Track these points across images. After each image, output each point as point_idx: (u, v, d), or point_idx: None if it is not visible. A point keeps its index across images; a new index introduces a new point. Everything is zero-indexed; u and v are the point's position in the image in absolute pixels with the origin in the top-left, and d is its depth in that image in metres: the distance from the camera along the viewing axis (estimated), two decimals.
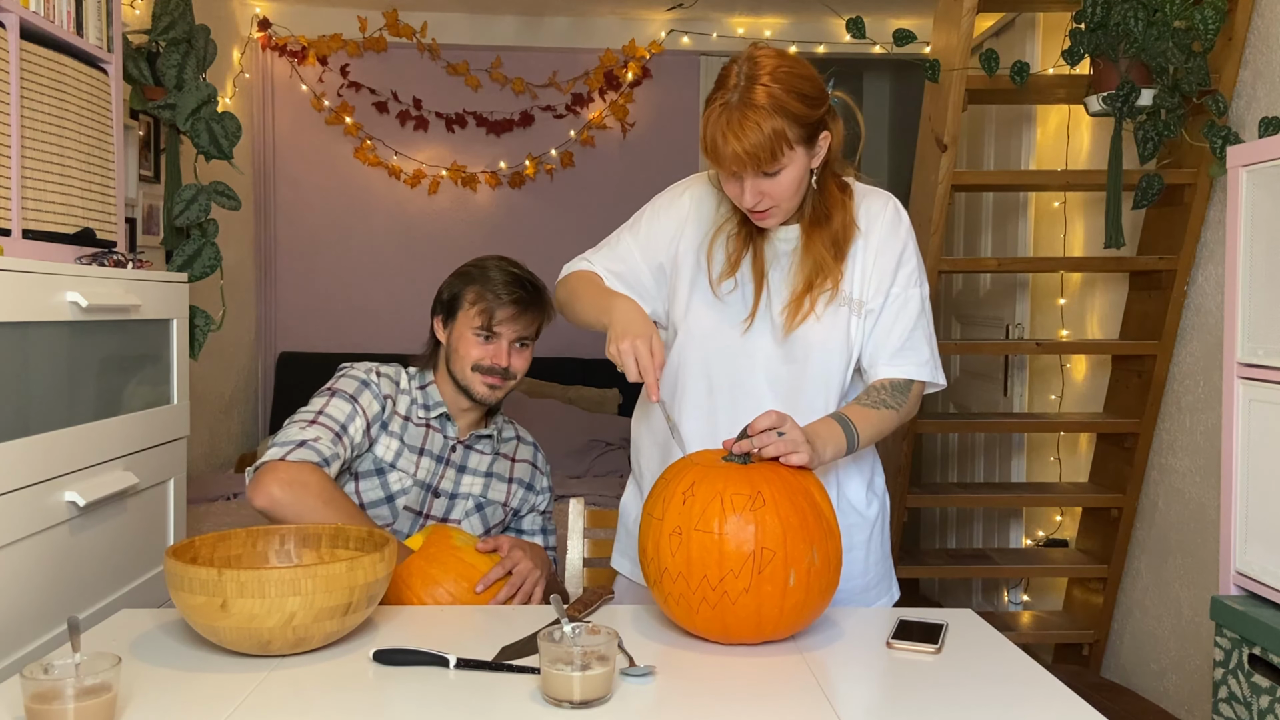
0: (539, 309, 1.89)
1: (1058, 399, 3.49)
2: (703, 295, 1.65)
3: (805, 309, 1.60)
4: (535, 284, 1.90)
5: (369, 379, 1.86)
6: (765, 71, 1.46)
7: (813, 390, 1.63)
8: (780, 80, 1.46)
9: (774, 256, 1.64)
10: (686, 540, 1.36)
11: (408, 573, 1.65)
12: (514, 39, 4.73)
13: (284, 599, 1.27)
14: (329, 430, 1.77)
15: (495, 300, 1.84)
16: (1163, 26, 2.43)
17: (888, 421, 1.59)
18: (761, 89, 1.45)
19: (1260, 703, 1.61)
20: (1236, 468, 1.78)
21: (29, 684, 1.08)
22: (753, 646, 1.40)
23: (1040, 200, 3.69)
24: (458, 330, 1.87)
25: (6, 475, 1.66)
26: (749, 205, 1.54)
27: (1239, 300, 1.78)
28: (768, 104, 1.45)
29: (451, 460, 1.90)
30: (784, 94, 1.46)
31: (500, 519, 1.96)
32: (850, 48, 4.63)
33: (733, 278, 1.63)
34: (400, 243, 4.83)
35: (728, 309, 1.64)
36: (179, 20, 2.85)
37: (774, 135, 1.45)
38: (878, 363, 1.63)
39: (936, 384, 1.67)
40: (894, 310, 1.63)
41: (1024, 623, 3.15)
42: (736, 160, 1.47)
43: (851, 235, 1.62)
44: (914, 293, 1.64)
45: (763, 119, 1.45)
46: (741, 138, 1.45)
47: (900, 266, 1.63)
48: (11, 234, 1.99)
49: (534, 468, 2.02)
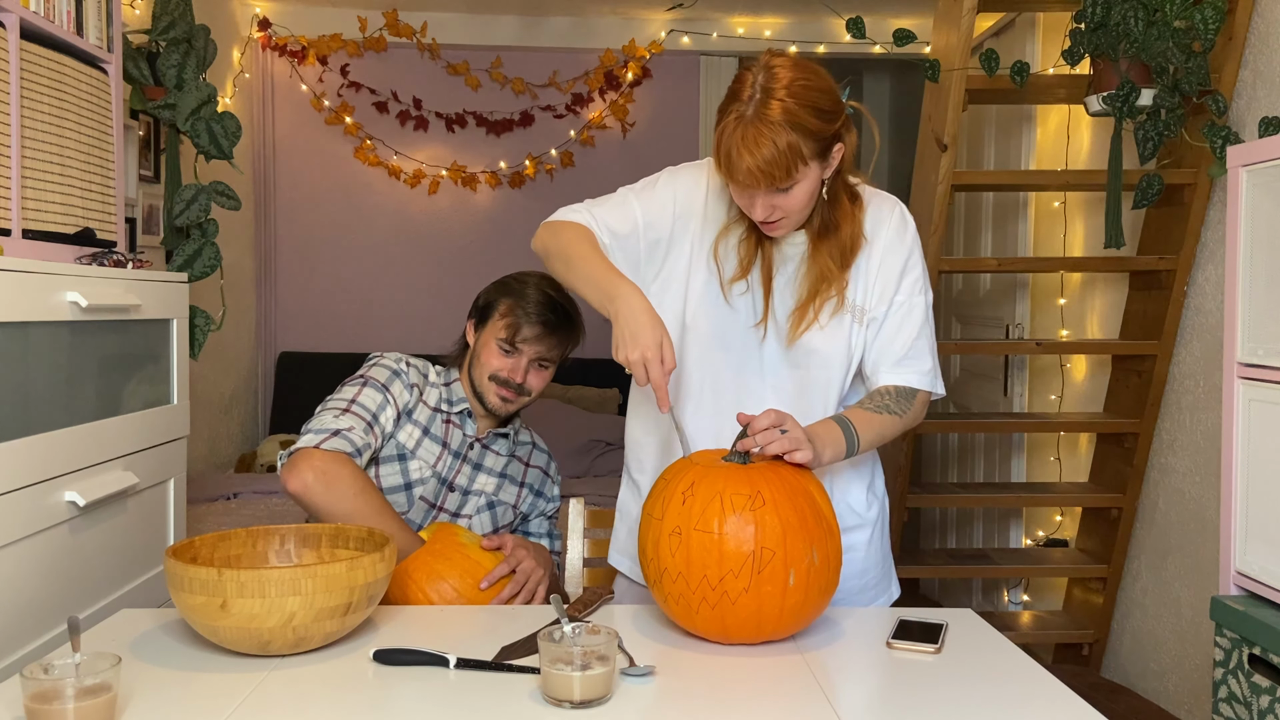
0: (567, 335, 1.92)
1: (1058, 399, 3.49)
2: (713, 297, 1.64)
3: (810, 318, 1.59)
4: (569, 311, 1.92)
5: (400, 368, 1.89)
6: (781, 85, 1.42)
7: (813, 395, 1.63)
8: (796, 94, 1.42)
9: (781, 261, 1.63)
10: (686, 540, 1.36)
11: (413, 566, 1.65)
12: (514, 39, 4.73)
13: (284, 599, 1.27)
14: (361, 420, 1.80)
15: (524, 317, 1.87)
16: (1163, 26, 2.43)
17: (890, 427, 1.58)
18: (777, 103, 1.41)
19: (1260, 703, 1.61)
20: (1236, 468, 1.77)
21: (29, 684, 1.08)
22: (753, 646, 1.40)
23: (1040, 200, 3.69)
24: (484, 338, 1.91)
25: (6, 475, 1.66)
26: (760, 218, 1.52)
27: (1239, 300, 1.78)
28: (783, 119, 1.41)
29: (469, 457, 1.93)
30: (799, 108, 1.42)
31: (509, 520, 1.98)
32: (850, 48, 4.63)
33: (744, 280, 1.62)
34: (400, 243, 4.83)
35: (736, 313, 1.63)
36: (179, 20, 2.85)
37: (789, 151, 1.42)
38: (880, 370, 1.62)
39: (935, 394, 1.66)
40: (898, 318, 1.62)
41: (1024, 623, 3.15)
42: (751, 176, 1.44)
43: (859, 246, 1.60)
44: (918, 300, 1.63)
45: (778, 135, 1.41)
46: (756, 153, 1.42)
47: (905, 274, 1.62)
48: (11, 234, 1.99)
49: (546, 475, 2.05)
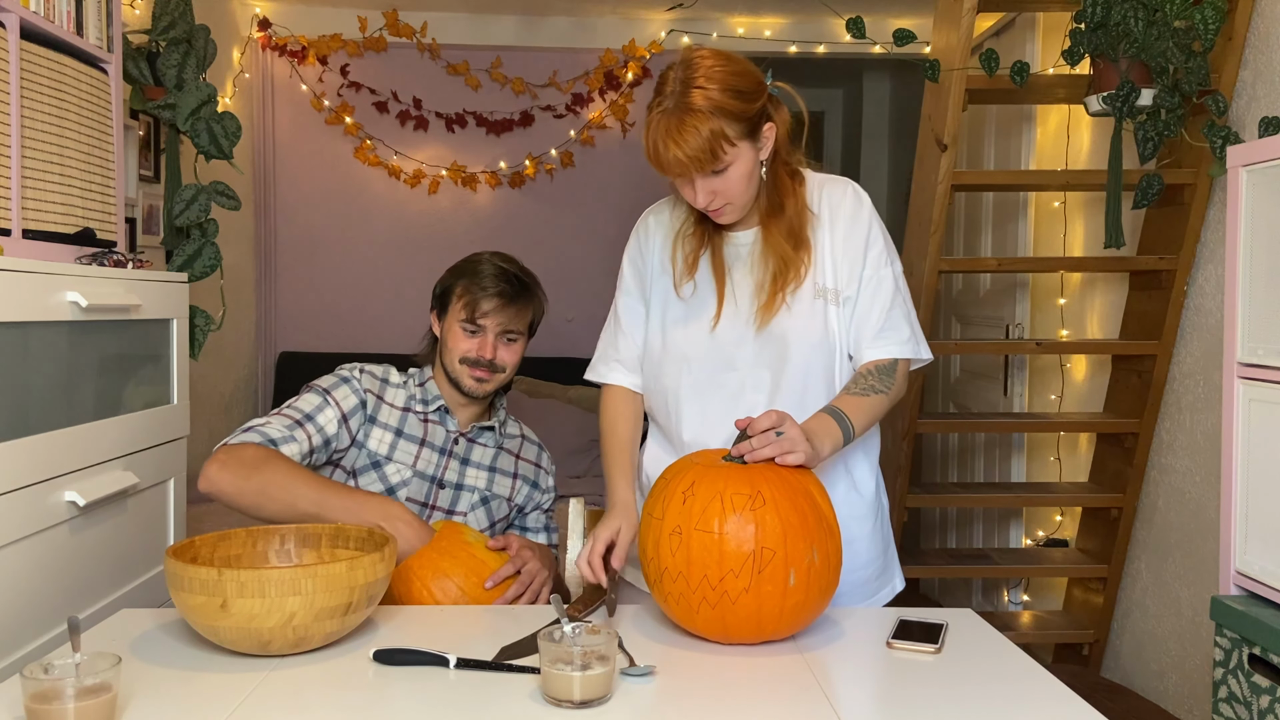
0: (526, 302, 1.90)
1: (1058, 399, 3.49)
2: (674, 305, 1.68)
3: (777, 302, 1.62)
4: (524, 279, 1.91)
5: (350, 375, 1.89)
6: (700, 73, 1.48)
7: (801, 386, 1.64)
8: (715, 80, 1.48)
9: (736, 256, 1.66)
10: (686, 540, 1.36)
11: (418, 564, 1.65)
12: (514, 39, 4.73)
13: (284, 599, 1.27)
14: (287, 419, 1.79)
15: (480, 292, 1.86)
16: (1163, 26, 2.43)
17: (879, 406, 1.60)
18: (697, 91, 1.47)
19: (1260, 703, 1.61)
20: (1236, 468, 1.77)
21: (29, 684, 1.08)
22: (753, 646, 1.40)
23: (1040, 200, 3.69)
24: (448, 323, 1.90)
25: (6, 475, 1.66)
26: (703, 205, 1.57)
27: (1239, 300, 1.78)
28: (705, 106, 1.47)
29: (454, 452, 1.92)
30: (720, 93, 1.47)
31: (505, 514, 1.97)
32: (850, 48, 4.63)
33: (692, 280, 1.66)
34: (400, 243, 4.82)
35: (698, 312, 1.66)
36: (179, 20, 2.85)
37: (712, 136, 1.47)
38: (861, 346, 1.65)
39: (921, 359, 1.67)
40: (870, 293, 1.64)
41: (1024, 623, 3.15)
42: (679, 165, 1.50)
43: (805, 221, 1.64)
44: (885, 273, 1.65)
45: (700, 122, 1.47)
46: (681, 143, 1.47)
47: (869, 248, 1.64)
48: (11, 234, 1.99)
49: (539, 467, 2.04)
